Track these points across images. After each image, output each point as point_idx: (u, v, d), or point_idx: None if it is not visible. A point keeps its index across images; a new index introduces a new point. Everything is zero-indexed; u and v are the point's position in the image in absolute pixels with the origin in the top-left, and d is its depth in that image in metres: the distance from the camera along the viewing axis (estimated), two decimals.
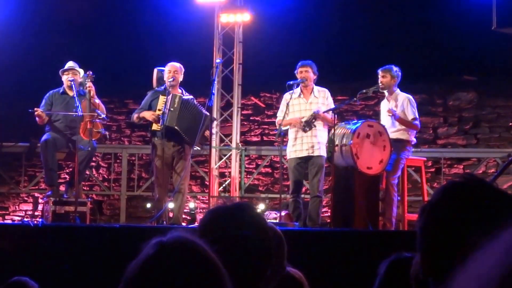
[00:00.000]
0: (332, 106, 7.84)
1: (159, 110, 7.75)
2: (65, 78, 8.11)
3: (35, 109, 7.92)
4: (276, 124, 8.03)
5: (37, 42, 10.83)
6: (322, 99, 7.84)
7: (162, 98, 7.79)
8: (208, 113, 7.87)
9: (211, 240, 1.92)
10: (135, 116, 7.98)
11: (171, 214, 8.01)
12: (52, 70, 8.38)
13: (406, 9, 10.88)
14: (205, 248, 1.46)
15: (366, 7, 10.83)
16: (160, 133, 7.73)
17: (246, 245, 1.93)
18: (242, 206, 2.06)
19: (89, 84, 7.91)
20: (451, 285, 0.92)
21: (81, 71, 8.21)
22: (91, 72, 7.95)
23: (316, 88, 7.89)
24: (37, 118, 7.95)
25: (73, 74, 8.08)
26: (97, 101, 8.04)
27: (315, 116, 7.69)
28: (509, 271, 0.83)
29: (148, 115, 7.81)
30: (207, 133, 7.89)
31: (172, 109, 7.69)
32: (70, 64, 8.17)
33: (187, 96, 8.00)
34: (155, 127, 7.78)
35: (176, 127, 7.69)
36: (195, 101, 8.05)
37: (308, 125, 7.71)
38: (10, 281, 3.67)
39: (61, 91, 8.18)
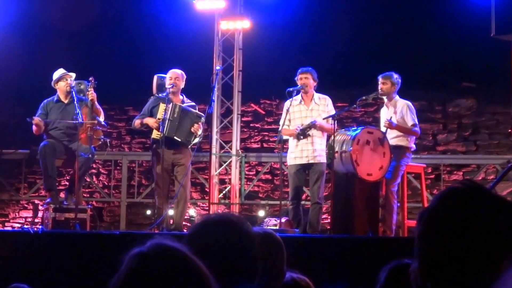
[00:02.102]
0: (333, 113, 7.85)
1: (159, 118, 7.76)
2: (62, 84, 8.06)
3: (33, 117, 7.89)
4: (279, 132, 8.03)
5: (37, 49, 10.85)
6: (323, 106, 7.85)
7: (162, 106, 7.79)
8: (196, 112, 7.85)
9: (197, 249, 1.94)
10: (137, 122, 7.98)
11: (171, 221, 8.01)
12: (52, 77, 8.38)
13: (405, 16, 10.89)
14: (187, 253, 1.45)
15: (366, 15, 10.85)
16: (160, 141, 7.74)
17: (229, 253, 1.94)
18: (229, 217, 2.08)
19: (91, 91, 7.92)
20: None
21: (73, 75, 8.16)
22: (93, 79, 7.95)
23: (317, 95, 7.90)
24: (34, 127, 7.92)
25: (66, 80, 8.04)
26: (98, 106, 8.06)
27: (311, 126, 7.70)
28: None
29: (151, 122, 7.82)
30: (194, 128, 7.80)
31: (171, 118, 7.70)
32: (62, 71, 8.13)
33: (188, 103, 8.01)
34: (155, 135, 7.79)
35: (175, 137, 7.71)
36: (197, 108, 8.06)
37: (303, 133, 7.70)
38: (9, 287, 3.67)
39: (55, 99, 8.14)
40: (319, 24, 10.85)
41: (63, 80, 8.06)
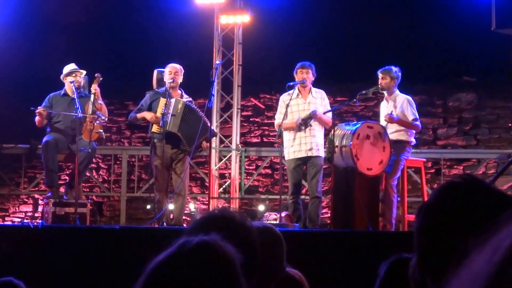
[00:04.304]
0: (329, 107, 7.89)
1: (160, 113, 7.75)
2: (70, 79, 8.10)
3: (37, 107, 7.92)
4: (275, 126, 8.04)
5: (37, 43, 10.84)
6: (319, 100, 7.87)
7: (162, 100, 7.78)
8: (209, 124, 7.88)
9: None
10: (134, 116, 7.98)
11: (171, 216, 8.01)
12: (53, 71, 8.39)
13: (405, 10, 10.89)
14: (232, 257, 1.44)
15: (366, 8, 10.84)
16: (160, 136, 7.73)
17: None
18: (229, 212, 2.08)
19: (95, 86, 7.93)
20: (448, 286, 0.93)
21: (84, 72, 8.22)
22: (99, 75, 7.96)
23: (313, 89, 7.92)
24: (37, 118, 7.94)
25: (76, 76, 8.09)
26: (101, 102, 8.06)
27: (311, 116, 7.71)
28: (496, 269, 0.84)
29: (149, 116, 7.81)
30: (204, 144, 7.86)
31: (175, 114, 7.69)
32: (73, 66, 8.16)
33: (187, 98, 8.01)
34: (155, 129, 7.78)
35: (178, 133, 7.70)
36: (193, 103, 8.06)
37: (304, 123, 7.71)
38: None
39: (62, 93, 8.18)
40: (319, 18, 10.84)
41: (72, 75, 8.09)
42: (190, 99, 8.08)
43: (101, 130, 7.99)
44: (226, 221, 2.00)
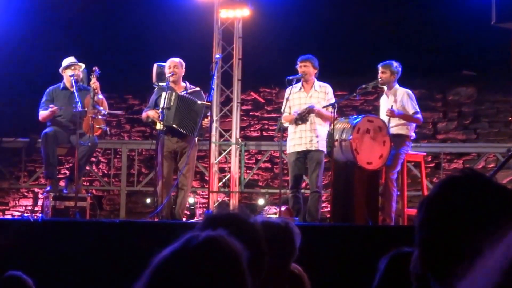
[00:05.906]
0: (333, 101, 7.85)
1: (162, 107, 7.75)
2: (69, 73, 8.08)
3: (51, 106, 7.90)
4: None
5: (37, 37, 10.82)
6: (322, 94, 7.84)
7: (163, 95, 7.80)
8: (202, 102, 7.83)
9: None
10: (144, 115, 8.04)
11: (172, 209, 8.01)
12: (53, 65, 8.37)
13: (405, 4, 10.87)
14: (238, 253, 1.44)
15: (366, 2, 10.82)
16: (162, 131, 7.74)
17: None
18: (235, 212, 2.08)
19: (94, 80, 7.91)
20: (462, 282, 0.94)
21: (83, 65, 8.20)
22: (96, 68, 7.94)
23: (317, 83, 7.90)
24: (47, 114, 7.94)
25: (75, 69, 8.07)
26: (101, 96, 8.04)
27: (309, 111, 7.69)
28: (510, 263, 0.85)
29: (151, 114, 7.83)
30: (205, 122, 7.83)
31: (168, 106, 7.69)
32: (72, 59, 8.14)
33: (192, 89, 7.99)
34: (158, 126, 7.78)
35: (174, 125, 7.70)
36: (202, 93, 8.04)
37: (300, 118, 7.70)
38: (4, 276, 3.66)
39: (61, 86, 8.17)
40: (319, 12, 10.82)
41: (71, 68, 8.07)
42: (198, 89, 8.07)
43: (104, 125, 7.98)
44: (233, 219, 2.00)
